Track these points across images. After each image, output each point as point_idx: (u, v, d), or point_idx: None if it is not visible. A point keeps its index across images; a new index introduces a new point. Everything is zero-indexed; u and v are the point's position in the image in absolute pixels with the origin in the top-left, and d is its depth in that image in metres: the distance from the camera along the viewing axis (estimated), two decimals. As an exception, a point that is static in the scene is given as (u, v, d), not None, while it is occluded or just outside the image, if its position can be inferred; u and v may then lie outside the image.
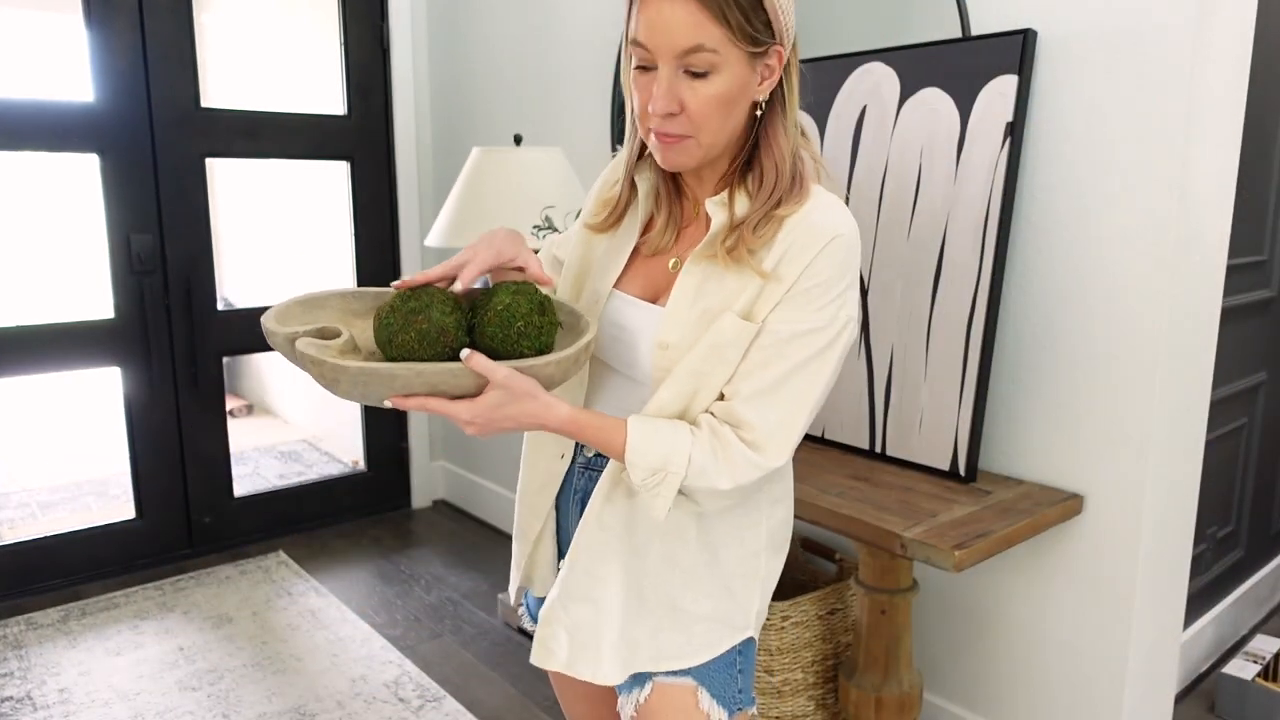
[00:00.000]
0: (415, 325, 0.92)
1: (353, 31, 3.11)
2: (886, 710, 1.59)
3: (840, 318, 0.96)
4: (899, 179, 1.72)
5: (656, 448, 0.95)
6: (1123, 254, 1.52)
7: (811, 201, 0.98)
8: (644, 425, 0.96)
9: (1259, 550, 2.57)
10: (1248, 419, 2.39)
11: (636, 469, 0.95)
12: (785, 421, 0.96)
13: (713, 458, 0.95)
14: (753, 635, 1.11)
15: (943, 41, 1.67)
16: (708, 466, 0.95)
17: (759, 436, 0.95)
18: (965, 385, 1.62)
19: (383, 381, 0.89)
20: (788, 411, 0.96)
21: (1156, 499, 1.56)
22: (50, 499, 3.57)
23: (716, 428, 0.96)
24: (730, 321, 0.96)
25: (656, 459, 0.95)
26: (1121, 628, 1.59)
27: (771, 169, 0.97)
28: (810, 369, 0.96)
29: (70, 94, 2.63)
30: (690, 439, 0.95)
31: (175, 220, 2.82)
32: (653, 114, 0.94)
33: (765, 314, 0.96)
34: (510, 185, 2.14)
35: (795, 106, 0.99)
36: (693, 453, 0.95)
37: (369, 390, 0.90)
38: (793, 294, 0.95)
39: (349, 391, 0.91)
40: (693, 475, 0.95)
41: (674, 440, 0.95)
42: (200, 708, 2.13)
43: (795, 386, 0.96)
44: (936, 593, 1.87)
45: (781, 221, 0.96)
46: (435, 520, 3.38)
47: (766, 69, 0.95)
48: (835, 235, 0.95)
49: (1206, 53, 1.44)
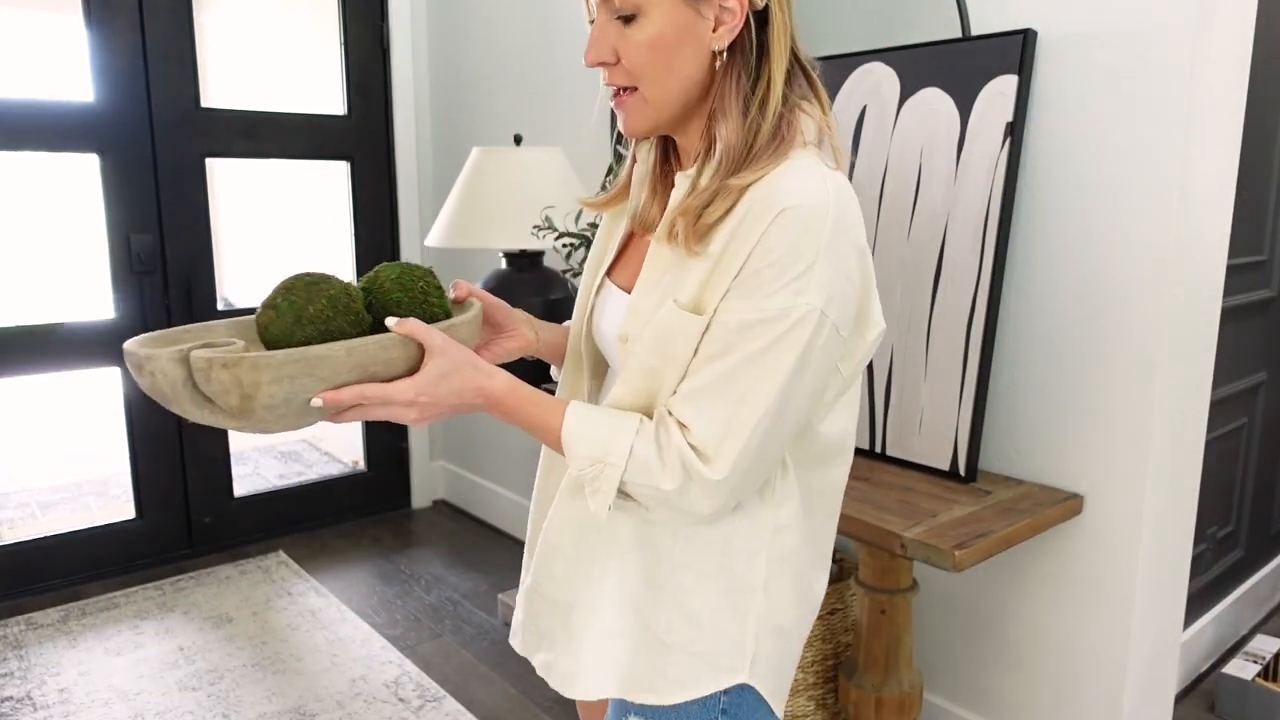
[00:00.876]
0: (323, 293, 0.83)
1: (353, 31, 3.11)
2: (886, 710, 1.59)
3: (798, 306, 0.79)
4: (899, 179, 1.72)
5: (596, 433, 0.85)
6: (1123, 254, 1.52)
7: (782, 166, 0.83)
8: (585, 409, 0.87)
9: (1259, 550, 2.57)
10: (1248, 419, 2.39)
11: (575, 457, 0.85)
12: (731, 428, 0.81)
13: (656, 452, 0.83)
14: (748, 682, 0.93)
15: (943, 41, 1.67)
16: (650, 461, 0.82)
17: (700, 441, 0.82)
18: (965, 385, 1.62)
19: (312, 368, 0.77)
20: (732, 416, 0.81)
21: (1156, 499, 1.56)
22: (50, 499, 3.57)
23: (664, 419, 0.84)
24: (670, 311, 0.84)
25: (595, 447, 0.84)
26: (1121, 628, 1.59)
27: (720, 132, 0.85)
28: (760, 366, 0.80)
29: (70, 94, 2.63)
30: (635, 429, 0.84)
31: (175, 220, 2.82)
32: (587, 65, 0.87)
33: (715, 303, 0.83)
34: (510, 185, 2.14)
35: (780, 60, 0.86)
36: (635, 444, 0.83)
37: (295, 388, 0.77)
38: (742, 278, 0.81)
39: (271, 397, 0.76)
40: (633, 469, 0.83)
41: (616, 428, 0.84)
42: (200, 708, 2.13)
43: (741, 386, 0.81)
44: (936, 593, 1.87)
45: (741, 192, 0.82)
46: (435, 520, 3.38)
47: (724, 13, 0.84)
48: (790, 205, 0.79)
49: (1206, 52, 1.44)
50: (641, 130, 0.89)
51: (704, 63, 0.86)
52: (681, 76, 0.85)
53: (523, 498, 3.10)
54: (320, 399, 0.79)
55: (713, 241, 0.83)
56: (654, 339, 0.85)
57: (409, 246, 3.29)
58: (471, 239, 2.14)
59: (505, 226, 2.12)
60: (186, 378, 0.76)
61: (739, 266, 0.81)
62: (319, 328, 0.82)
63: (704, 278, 0.83)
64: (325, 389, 0.79)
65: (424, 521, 3.37)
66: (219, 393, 0.75)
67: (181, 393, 0.77)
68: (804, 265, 0.79)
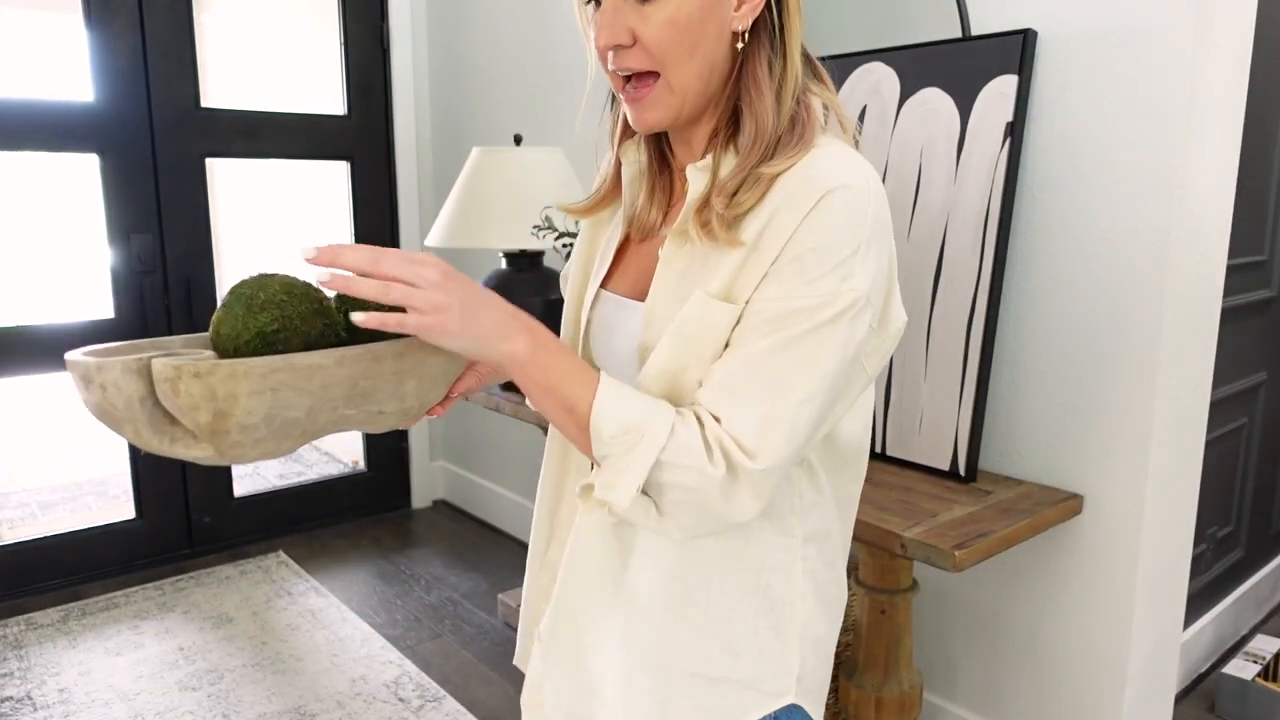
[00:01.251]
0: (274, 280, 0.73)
1: (353, 31, 3.11)
2: (886, 710, 1.59)
3: (844, 292, 0.74)
4: (899, 179, 1.72)
5: (634, 404, 0.75)
6: (1123, 254, 1.52)
7: (814, 153, 0.78)
8: (620, 383, 0.77)
9: (1259, 550, 2.57)
10: (1248, 419, 2.39)
11: (604, 421, 0.73)
12: (773, 417, 0.73)
13: (699, 436, 0.74)
14: (796, 702, 0.87)
15: (943, 41, 1.67)
16: (693, 444, 0.73)
17: (740, 432, 0.73)
18: (965, 385, 1.62)
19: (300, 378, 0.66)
20: (772, 404, 0.73)
21: (1156, 499, 1.56)
22: (50, 499, 3.57)
23: (701, 415, 0.75)
24: (700, 301, 0.77)
25: (632, 416, 0.74)
26: (1121, 628, 1.59)
27: (750, 116, 0.79)
28: (801, 354, 0.73)
29: (70, 94, 2.63)
30: (676, 411, 0.75)
31: (175, 220, 2.82)
32: (601, 50, 0.79)
33: (749, 293, 0.76)
34: (510, 185, 2.14)
35: (796, 40, 0.81)
36: (677, 424, 0.74)
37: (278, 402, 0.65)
38: (781, 263, 0.75)
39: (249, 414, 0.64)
40: (674, 450, 0.73)
41: (656, 406, 0.75)
42: (200, 708, 2.13)
43: (779, 374, 0.74)
44: (936, 593, 1.87)
45: (771, 181, 0.77)
46: (435, 520, 3.38)
47: None
48: (835, 187, 0.74)
49: (1206, 52, 1.44)
50: (664, 123, 0.82)
51: (726, 45, 0.80)
52: (706, 59, 0.79)
53: (523, 498, 3.10)
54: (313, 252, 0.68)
55: (744, 230, 0.77)
56: (678, 339, 0.78)
57: (409, 246, 3.29)
58: (471, 239, 2.14)
59: (505, 226, 2.12)
60: (146, 393, 0.65)
61: (776, 252, 0.75)
62: (273, 313, 0.71)
63: (736, 267, 0.77)
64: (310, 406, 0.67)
65: (424, 521, 3.37)
66: (187, 408, 0.64)
67: (138, 412, 0.65)
68: (850, 250, 0.74)
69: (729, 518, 0.75)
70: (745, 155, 0.78)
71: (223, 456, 0.67)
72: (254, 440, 0.66)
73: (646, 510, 0.76)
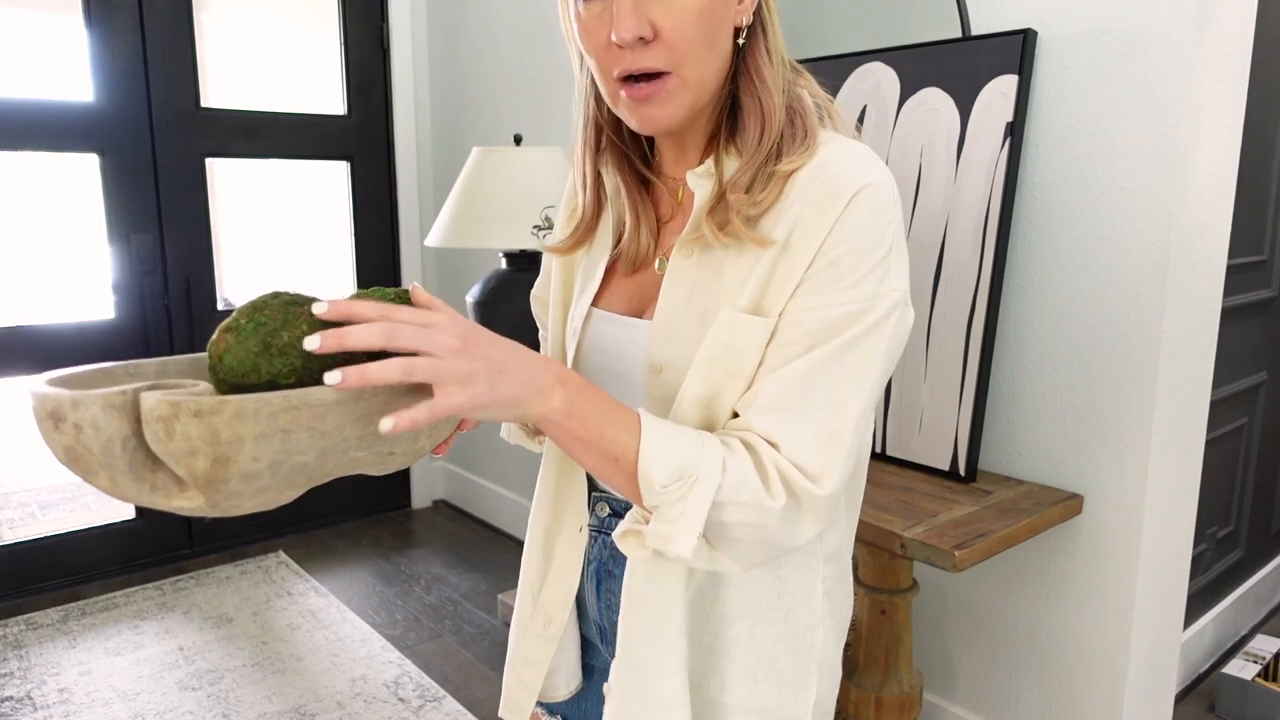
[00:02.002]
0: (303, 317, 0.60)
1: (353, 31, 3.11)
2: (886, 710, 1.59)
3: (884, 294, 0.71)
4: (899, 179, 1.72)
5: (681, 443, 0.69)
6: (1123, 254, 1.52)
7: (826, 149, 0.74)
8: (662, 420, 0.71)
9: (1259, 550, 2.57)
10: (1248, 419, 2.39)
11: (654, 469, 0.67)
12: (827, 434, 0.69)
13: (753, 467, 0.69)
14: None
15: (943, 41, 1.67)
16: (748, 477, 0.68)
17: (800, 457, 0.69)
18: (965, 385, 1.62)
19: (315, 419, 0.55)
20: (827, 422, 0.69)
21: (1156, 499, 1.56)
22: (50, 499, 3.57)
23: (752, 441, 0.70)
24: (729, 319, 0.73)
25: (682, 459, 0.68)
26: (1121, 627, 1.59)
27: (757, 110, 0.75)
28: (849, 364, 0.70)
29: (70, 94, 2.63)
30: (723, 442, 0.70)
31: (175, 220, 2.83)
32: (619, 44, 0.71)
33: (782, 304, 0.72)
34: (510, 185, 2.14)
35: (779, 32, 0.78)
36: (727, 458, 0.68)
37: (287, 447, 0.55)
38: (815, 270, 0.71)
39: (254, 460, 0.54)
40: (729, 488, 0.67)
41: (703, 441, 0.69)
42: (200, 708, 2.13)
43: (831, 389, 0.70)
44: (936, 593, 1.87)
45: (786, 179, 0.73)
46: (435, 520, 3.38)
47: None
48: (863, 185, 0.71)
49: (1206, 53, 1.44)
50: (675, 121, 0.75)
51: (730, 39, 0.75)
52: (720, 56, 0.74)
53: (523, 498, 3.10)
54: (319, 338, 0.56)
55: (768, 230, 0.73)
56: (709, 360, 0.73)
57: (409, 246, 3.29)
58: (471, 239, 2.14)
59: (505, 226, 2.12)
60: (130, 433, 0.55)
61: (809, 258, 0.71)
62: (294, 363, 0.58)
63: (765, 275, 0.72)
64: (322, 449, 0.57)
65: (424, 521, 3.37)
66: (181, 453, 0.54)
67: (117, 456, 0.55)
68: (885, 248, 0.71)
69: (789, 545, 0.71)
70: (752, 153, 0.74)
71: (214, 508, 0.57)
72: (255, 490, 0.57)
73: (700, 551, 0.70)
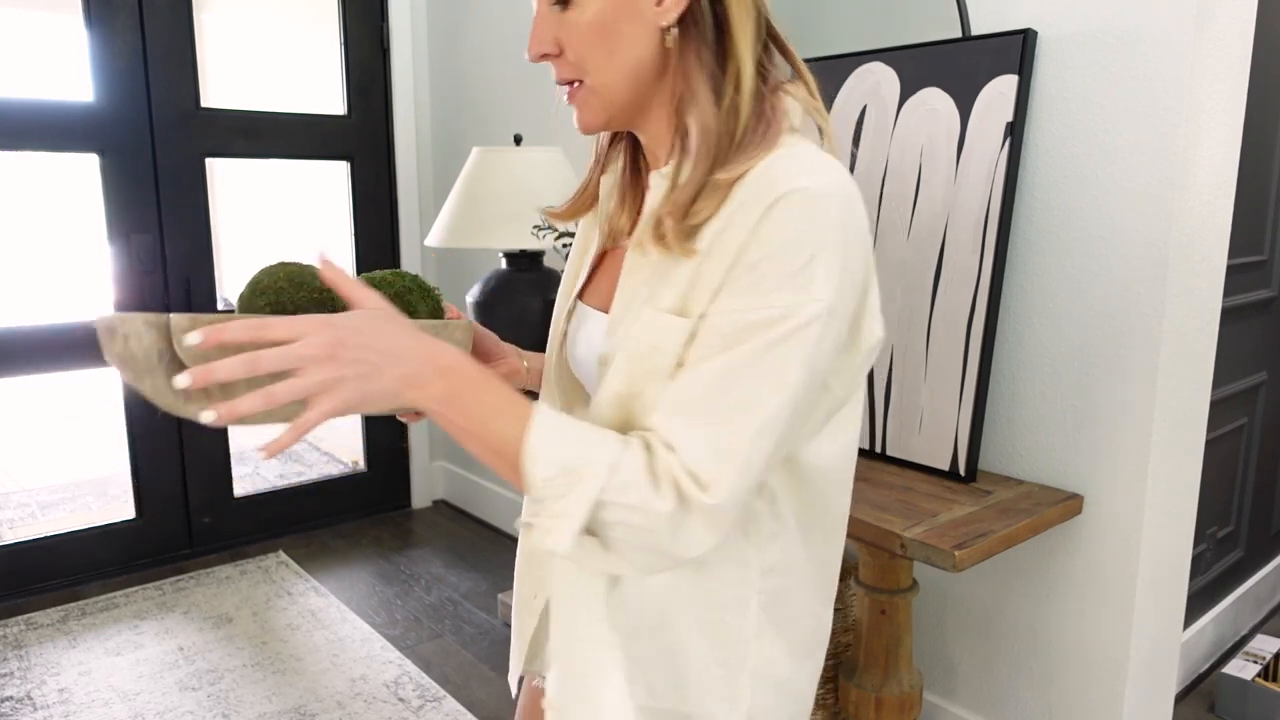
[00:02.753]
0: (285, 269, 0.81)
1: (353, 31, 3.11)
2: (886, 710, 1.59)
3: (804, 304, 0.68)
4: (899, 179, 1.72)
5: (571, 438, 0.70)
6: (1123, 254, 1.52)
7: (775, 154, 0.73)
8: (557, 415, 0.71)
9: (1259, 550, 2.57)
10: (1248, 419, 2.39)
11: (538, 464, 0.68)
12: (725, 442, 0.68)
13: (646, 468, 0.68)
14: None
15: (943, 41, 1.67)
16: (638, 477, 0.67)
17: (693, 461, 0.67)
18: (965, 385, 1.62)
19: None
20: (725, 429, 0.68)
21: (1156, 499, 1.56)
22: (50, 499, 3.57)
23: (652, 443, 0.70)
24: (651, 318, 0.73)
25: (568, 455, 0.69)
26: (1121, 628, 1.59)
27: (690, 115, 0.75)
28: (760, 374, 0.68)
29: (70, 94, 2.63)
30: (621, 440, 0.70)
31: (175, 220, 2.83)
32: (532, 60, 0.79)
33: (704, 306, 0.71)
34: (510, 185, 2.15)
35: (743, 31, 0.75)
36: (622, 456, 0.68)
37: None
38: (734, 273, 0.70)
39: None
40: (617, 487, 0.67)
41: (596, 439, 0.70)
42: (200, 707, 2.13)
43: (737, 396, 0.68)
44: (936, 593, 1.87)
45: (730, 187, 0.72)
46: (435, 520, 3.38)
47: None
48: (792, 190, 0.69)
49: (1206, 53, 1.44)
50: (597, 124, 0.80)
51: (652, 42, 0.76)
52: (627, 59, 0.76)
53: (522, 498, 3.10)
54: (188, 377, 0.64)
55: (700, 240, 0.73)
56: (630, 358, 0.74)
57: (409, 246, 3.29)
58: (471, 239, 2.14)
59: (505, 226, 2.12)
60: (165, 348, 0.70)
61: (730, 260, 0.70)
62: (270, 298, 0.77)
63: (690, 278, 0.72)
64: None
65: (424, 521, 3.37)
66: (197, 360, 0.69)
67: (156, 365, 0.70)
68: (808, 256, 0.68)
69: (681, 554, 0.69)
70: (695, 159, 0.74)
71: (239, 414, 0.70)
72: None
73: (592, 550, 0.71)
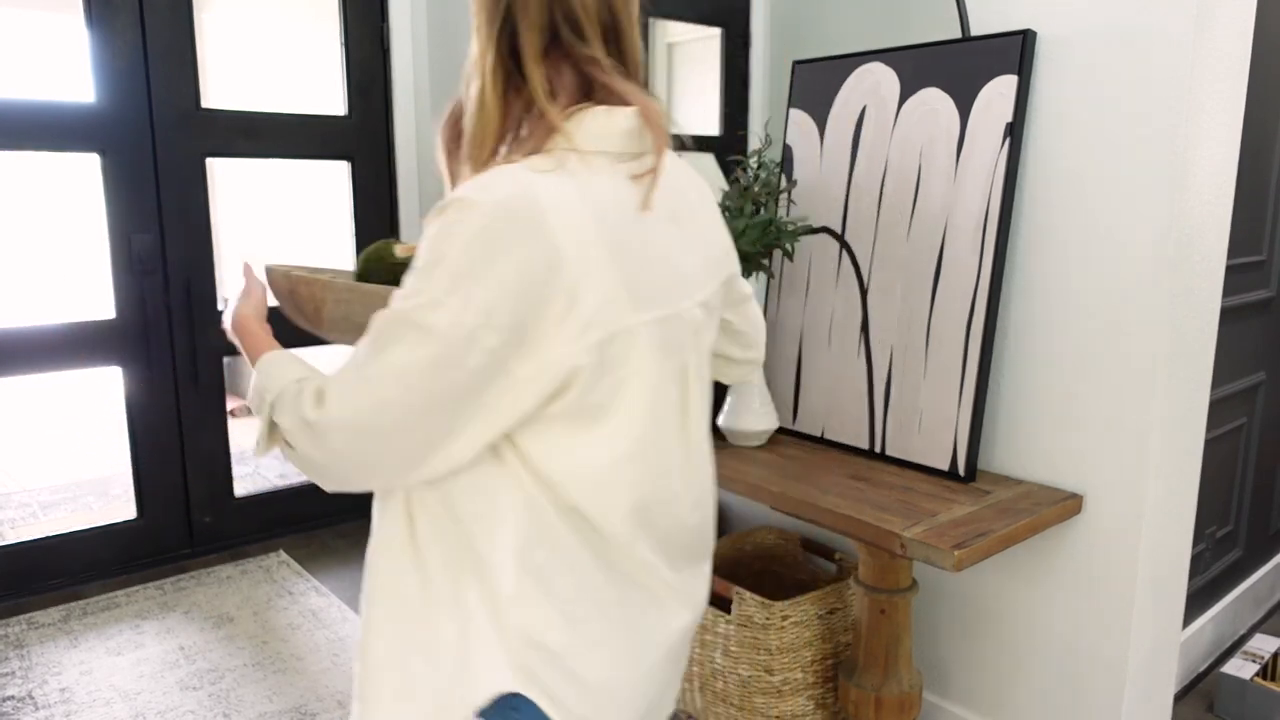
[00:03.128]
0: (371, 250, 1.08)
1: (353, 31, 3.11)
2: (886, 710, 1.60)
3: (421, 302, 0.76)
4: (899, 179, 1.72)
5: (277, 369, 0.88)
6: (1122, 254, 1.52)
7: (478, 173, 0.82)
8: (279, 354, 0.91)
9: (1258, 550, 2.57)
10: (1247, 419, 2.39)
11: (251, 389, 0.89)
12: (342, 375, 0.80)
13: (310, 389, 0.82)
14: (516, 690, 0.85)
15: (943, 42, 1.67)
16: (302, 394, 0.82)
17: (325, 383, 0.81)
18: (965, 385, 1.62)
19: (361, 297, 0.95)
20: (347, 367, 0.80)
21: (1156, 499, 1.56)
22: (51, 499, 3.57)
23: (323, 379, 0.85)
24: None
25: (270, 382, 0.86)
26: (1121, 627, 1.59)
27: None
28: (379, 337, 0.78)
29: (71, 94, 2.63)
30: (307, 373, 0.87)
31: (175, 220, 2.82)
32: None
33: None
34: (510, 185, 2.14)
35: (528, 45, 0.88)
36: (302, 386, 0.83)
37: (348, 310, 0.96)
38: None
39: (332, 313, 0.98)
40: (287, 399, 0.83)
41: (293, 371, 0.87)
42: (201, 707, 2.14)
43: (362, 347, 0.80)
44: (936, 593, 1.87)
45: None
46: (435, 520, 3.38)
47: None
48: (447, 202, 0.78)
49: (1206, 52, 1.44)
50: None
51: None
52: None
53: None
54: None
55: None
56: None
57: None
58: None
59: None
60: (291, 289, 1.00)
61: None
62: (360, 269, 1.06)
63: None
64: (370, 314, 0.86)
65: (424, 521, 3.37)
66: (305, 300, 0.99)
67: (286, 299, 1.02)
68: (434, 260, 0.76)
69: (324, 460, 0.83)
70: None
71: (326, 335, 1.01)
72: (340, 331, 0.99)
73: (289, 456, 0.86)
